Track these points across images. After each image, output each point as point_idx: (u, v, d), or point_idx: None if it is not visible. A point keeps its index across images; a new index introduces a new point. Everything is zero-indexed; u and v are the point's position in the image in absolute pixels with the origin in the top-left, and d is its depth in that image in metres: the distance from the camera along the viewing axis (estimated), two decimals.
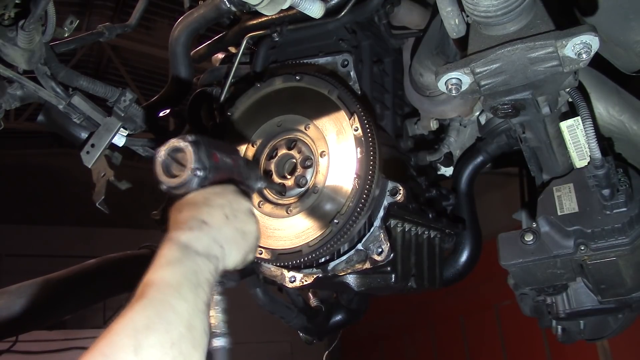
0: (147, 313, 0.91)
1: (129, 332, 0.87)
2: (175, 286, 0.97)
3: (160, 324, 0.90)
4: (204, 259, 1.05)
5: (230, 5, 1.82)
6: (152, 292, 0.95)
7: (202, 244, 1.07)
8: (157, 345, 0.87)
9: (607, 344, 6.81)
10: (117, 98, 1.87)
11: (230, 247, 1.14)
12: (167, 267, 1.00)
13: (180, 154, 1.22)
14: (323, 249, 1.55)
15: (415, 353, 10.94)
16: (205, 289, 1.01)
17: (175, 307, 0.93)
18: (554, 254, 1.61)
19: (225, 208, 1.17)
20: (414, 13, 2.00)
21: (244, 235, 1.18)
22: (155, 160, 1.22)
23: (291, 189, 1.66)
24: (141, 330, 0.88)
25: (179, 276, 0.99)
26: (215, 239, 1.10)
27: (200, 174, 1.18)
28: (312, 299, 2.23)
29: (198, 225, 1.09)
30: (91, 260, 1.96)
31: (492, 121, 2.01)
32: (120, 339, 0.86)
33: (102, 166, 1.91)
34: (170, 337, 0.89)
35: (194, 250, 1.05)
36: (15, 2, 1.66)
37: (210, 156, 1.22)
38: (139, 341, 0.86)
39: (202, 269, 1.03)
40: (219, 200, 1.17)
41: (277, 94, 1.74)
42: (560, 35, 1.16)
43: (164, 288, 0.96)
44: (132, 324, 0.89)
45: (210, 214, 1.13)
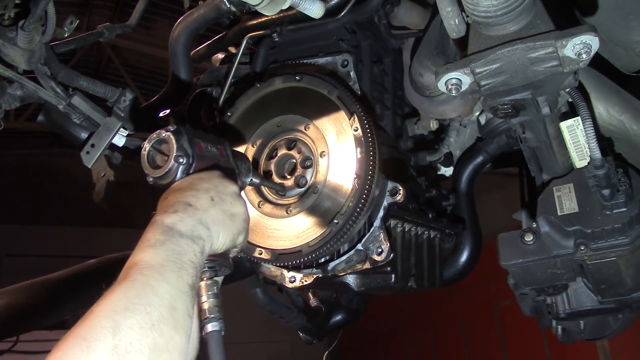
0: (127, 294, 0.90)
1: (108, 314, 0.87)
2: (157, 267, 0.96)
3: (139, 305, 0.89)
4: (188, 240, 1.04)
5: (230, 5, 1.82)
6: (133, 273, 0.94)
7: (186, 225, 1.06)
8: (136, 327, 0.86)
9: (607, 344, 6.80)
10: (117, 98, 1.87)
11: (218, 228, 1.12)
12: (150, 249, 0.99)
13: (163, 145, 1.24)
14: (323, 249, 1.55)
15: (415, 353, 10.94)
16: (189, 270, 1.00)
17: (156, 289, 0.93)
18: (554, 254, 1.61)
19: (211, 191, 1.16)
20: (413, 13, 2.00)
21: (232, 217, 1.17)
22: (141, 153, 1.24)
23: (291, 189, 1.66)
24: (120, 311, 0.87)
25: (161, 258, 0.98)
26: (201, 220, 1.09)
27: (183, 161, 1.20)
28: (312, 299, 2.24)
29: (183, 207, 1.09)
30: (91, 260, 1.96)
31: (492, 121, 2.01)
32: (98, 321, 0.86)
33: (102, 166, 1.91)
34: (150, 319, 0.89)
35: (177, 231, 1.04)
36: (15, 2, 1.66)
37: (193, 144, 1.23)
38: (117, 323, 0.85)
39: (186, 250, 1.02)
40: (204, 185, 1.17)
41: (276, 94, 1.74)
42: (560, 36, 1.16)
43: (145, 270, 0.95)
44: (111, 305, 0.88)
45: (196, 196, 1.13)
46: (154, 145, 1.25)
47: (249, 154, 1.74)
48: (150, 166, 1.24)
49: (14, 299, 1.72)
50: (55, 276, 1.85)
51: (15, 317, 1.69)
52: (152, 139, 1.25)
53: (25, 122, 9.56)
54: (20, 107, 2.21)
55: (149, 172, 1.23)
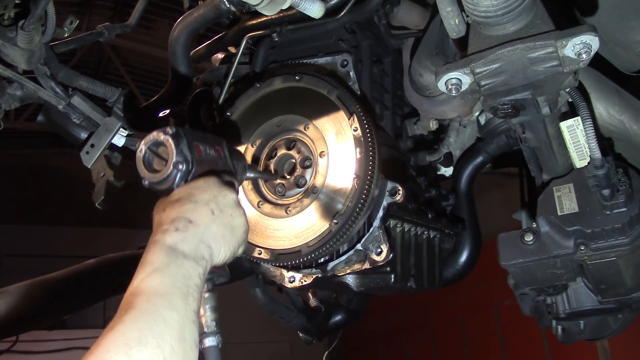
0: (139, 326, 0.88)
1: (120, 348, 0.85)
2: (165, 295, 0.94)
3: (152, 337, 0.87)
4: (192, 262, 1.02)
5: (229, 5, 1.82)
6: (142, 302, 0.92)
7: (190, 245, 1.03)
8: None
9: (607, 344, 6.81)
10: (117, 98, 1.86)
11: (219, 244, 1.10)
12: (155, 274, 0.96)
13: (161, 147, 1.17)
14: (322, 249, 1.55)
15: (415, 353, 10.94)
16: (195, 295, 0.98)
17: (166, 319, 0.91)
18: (554, 254, 1.61)
19: (210, 203, 1.12)
20: (413, 13, 2.00)
21: (232, 230, 1.15)
22: (136, 155, 1.18)
23: (290, 189, 1.66)
24: (133, 345, 0.85)
25: (167, 284, 0.96)
26: (203, 239, 1.07)
27: (182, 167, 1.14)
28: (312, 299, 2.24)
29: (184, 225, 1.05)
30: (91, 260, 1.96)
31: (492, 121, 2.01)
32: (110, 356, 0.83)
33: (101, 166, 1.91)
34: (162, 352, 0.87)
35: (181, 253, 1.01)
36: (15, 2, 1.66)
37: (192, 149, 1.17)
38: (130, 357, 0.84)
39: (191, 274, 1.00)
40: (203, 196, 1.13)
41: (276, 94, 1.74)
42: (560, 35, 1.16)
43: (153, 298, 0.93)
44: (123, 338, 0.86)
45: (196, 211, 1.09)
46: (151, 147, 1.18)
47: (249, 154, 1.73)
48: (146, 169, 1.17)
49: (13, 299, 1.72)
50: (54, 276, 1.85)
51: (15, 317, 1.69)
52: (148, 141, 1.18)
53: (25, 122, 9.57)
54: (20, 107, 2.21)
55: (145, 176, 1.16)
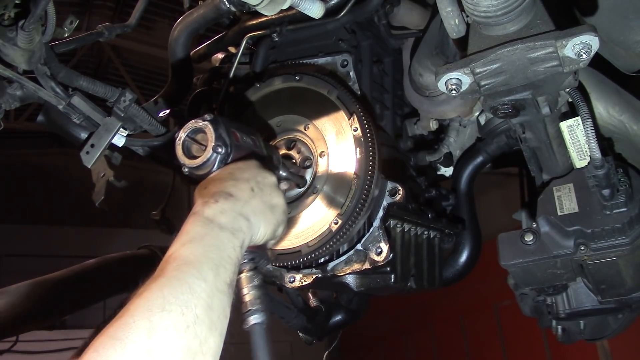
0: (163, 293, 0.88)
1: (143, 314, 0.84)
2: (195, 264, 0.93)
3: (175, 305, 0.87)
4: (229, 233, 1.02)
5: (229, 5, 1.82)
6: (171, 270, 0.92)
7: (227, 217, 1.04)
8: (171, 328, 0.85)
9: (607, 344, 6.81)
10: (117, 98, 1.86)
11: (258, 219, 1.11)
12: (189, 243, 0.97)
13: (199, 134, 1.21)
14: (322, 249, 1.55)
15: (415, 353, 10.94)
16: (227, 267, 0.98)
17: (193, 287, 0.90)
18: (554, 254, 1.61)
19: (250, 181, 1.14)
20: (413, 13, 2.00)
21: (272, 208, 1.16)
22: (175, 143, 1.21)
23: (291, 189, 1.66)
24: (156, 312, 0.85)
25: (199, 253, 0.95)
26: (242, 212, 1.07)
27: (222, 150, 1.17)
28: (312, 299, 2.23)
29: (224, 197, 1.06)
30: (91, 260, 1.96)
31: (492, 121, 2.01)
32: (134, 320, 0.84)
33: (101, 166, 1.91)
34: (185, 320, 0.87)
35: (217, 224, 1.02)
36: (15, 2, 1.66)
37: (230, 134, 1.20)
38: (152, 324, 0.83)
39: (226, 245, 1.00)
40: (244, 174, 1.15)
41: (276, 94, 1.74)
42: (560, 36, 1.16)
43: (183, 266, 0.93)
44: (147, 304, 0.86)
45: (236, 186, 1.11)
46: (190, 135, 1.21)
47: None
48: (185, 156, 1.20)
49: (13, 298, 1.72)
50: (55, 276, 1.85)
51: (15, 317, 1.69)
52: (187, 128, 1.21)
53: (25, 122, 9.57)
54: (20, 107, 2.21)
55: (185, 162, 1.19)
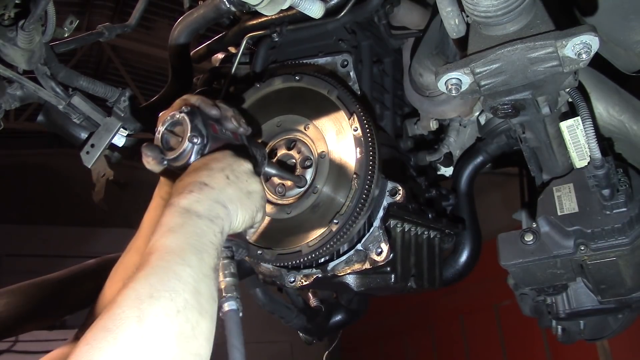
0: (150, 281, 0.88)
1: (132, 303, 0.85)
2: (178, 252, 0.94)
3: (164, 291, 0.87)
4: (207, 220, 1.02)
5: (230, 5, 1.82)
6: (154, 259, 0.92)
7: (204, 205, 1.04)
8: (161, 314, 0.85)
9: (607, 344, 6.81)
10: (117, 98, 1.87)
11: (235, 206, 1.11)
12: (169, 233, 0.97)
13: (177, 127, 1.22)
14: (322, 249, 1.55)
15: (415, 353, 10.94)
16: (210, 252, 0.98)
17: (178, 274, 0.91)
18: (554, 254, 1.61)
19: (225, 170, 1.14)
20: (413, 13, 2.00)
21: (248, 194, 1.16)
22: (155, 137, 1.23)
23: (290, 189, 1.66)
24: (144, 299, 0.85)
25: (181, 241, 0.96)
26: (218, 199, 1.08)
27: (197, 141, 1.18)
28: (312, 299, 2.24)
29: (198, 187, 1.07)
30: (91, 260, 1.96)
31: (492, 121, 2.01)
32: (122, 310, 0.84)
33: (101, 166, 1.91)
34: (175, 305, 0.87)
35: (195, 213, 1.02)
36: (15, 2, 1.66)
37: (207, 125, 1.21)
38: (142, 311, 0.84)
39: (206, 231, 1.01)
40: (218, 164, 1.15)
41: (276, 94, 1.74)
42: (560, 36, 1.16)
43: (166, 255, 0.93)
44: (134, 293, 0.86)
45: (211, 176, 1.11)
46: (168, 128, 1.23)
47: None
48: (164, 148, 1.22)
49: (13, 299, 1.72)
50: (54, 276, 1.85)
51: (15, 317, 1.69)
52: (165, 121, 1.23)
53: (25, 122, 9.58)
54: (20, 107, 2.21)
55: (163, 155, 1.21)
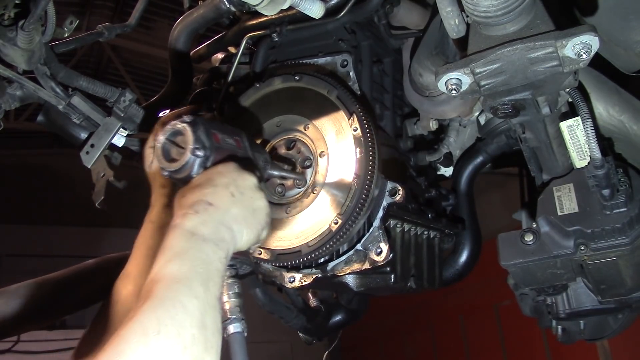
0: (157, 315, 0.86)
1: (140, 339, 0.82)
2: (184, 281, 0.91)
3: (171, 326, 0.85)
4: (213, 245, 1.00)
5: (229, 5, 1.82)
6: (161, 290, 0.89)
7: (209, 228, 1.01)
8: (169, 351, 0.83)
9: (607, 344, 6.80)
10: (117, 98, 1.86)
11: (241, 227, 1.08)
12: (175, 259, 0.94)
13: (179, 137, 1.18)
14: (322, 249, 1.55)
15: (415, 353, 10.93)
16: (215, 280, 0.96)
17: (186, 306, 0.88)
18: (554, 254, 1.61)
19: (230, 186, 1.11)
20: (413, 13, 2.00)
21: (253, 212, 1.13)
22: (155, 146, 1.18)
23: (290, 189, 1.66)
24: (151, 335, 0.83)
25: (187, 270, 0.93)
26: (223, 221, 1.05)
27: (200, 153, 1.14)
28: (312, 299, 2.23)
29: (203, 208, 1.04)
30: (90, 260, 1.96)
31: (492, 121, 2.01)
32: (129, 346, 0.81)
33: (101, 166, 1.91)
34: (183, 341, 0.85)
35: (201, 237, 0.99)
36: (15, 2, 1.66)
37: (209, 136, 1.17)
38: (149, 348, 0.82)
39: (212, 258, 0.98)
40: (222, 180, 1.12)
41: (276, 94, 1.74)
42: (560, 36, 1.16)
43: (173, 285, 0.90)
44: (141, 328, 0.84)
45: (216, 194, 1.08)
46: (169, 138, 1.19)
47: None
48: (165, 159, 1.18)
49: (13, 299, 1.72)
50: (53, 276, 1.84)
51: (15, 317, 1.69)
52: (166, 131, 1.18)
53: (25, 122, 9.57)
54: (20, 107, 2.21)
55: (164, 166, 1.17)
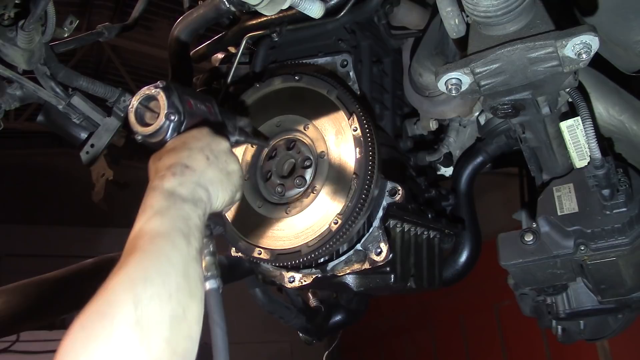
0: (143, 265, 0.89)
1: (127, 287, 0.86)
2: (167, 236, 0.96)
3: (157, 275, 0.89)
4: (191, 204, 1.04)
5: (229, 5, 1.82)
6: (145, 243, 0.93)
7: (187, 189, 1.06)
8: (155, 298, 0.86)
9: (607, 344, 6.80)
10: (117, 98, 1.87)
11: (216, 188, 1.13)
12: (156, 216, 0.98)
13: (153, 102, 1.21)
14: (322, 249, 1.55)
15: (415, 353, 10.93)
16: (196, 235, 1.01)
17: (170, 258, 0.92)
18: (554, 254, 1.61)
19: (205, 150, 1.15)
20: (413, 13, 2.00)
21: (228, 175, 1.18)
22: (128, 110, 1.21)
23: (290, 189, 1.66)
24: (138, 283, 0.86)
25: (168, 225, 0.98)
26: (200, 182, 1.09)
27: (174, 118, 1.18)
28: (312, 299, 2.23)
29: (180, 170, 1.08)
30: (89, 259, 1.96)
31: (492, 121, 2.01)
32: (117, 295, 0.85)
33: (101, 166, 1.91)
34: (168, 289, 0.89)
35: (179, 196, 1.04)
36: (15, 2, 1.66)
37: (183, 101, 1.21)
38: (137, 295, 0.85)
39: (191, 215, 1.03)
40: (197, 144, 1.16)
41: (276, 94, 1.74)
42: (560, 36, 1.16)
43: (156, 239, 0.94)
44: (128, 278, 0.87)
45: (191, 157, 1.12)
46: (143, 102, 1.22)
47: (248, 154, 1.73)
48: (138, 124, 1.20)
49: (12, 298, 1.72)
50: (52, 275, 1.85)
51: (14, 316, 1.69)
52: (140, 96, 1.21)
53: (25, 122, 9.56)
54: (20, 107, 2.21)
55: (138, 130, 1.20)
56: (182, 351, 0.88)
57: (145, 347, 0.82)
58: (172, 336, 0.86)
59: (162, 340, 0.85)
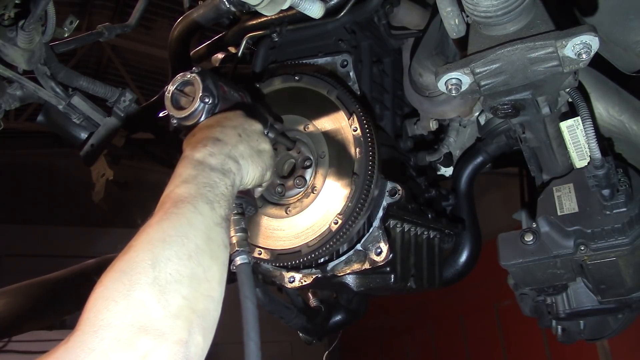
0: (163, 227, 0.93)
1: (145, 247, 0.89)
2: (190, 200, 0.99)
3: (176, 237, 0.92)
4: (219, 173, 1.07)
5: (229, 5, 1.82)
6: (168, 207, 0.97)
7: (217, 159, 1.09)
8: (174, 258, 0.89)
9: (607, 344, 6.80)
10: (117, 98, 1.87)
11: (247, 162, 1.16)
12: (183, 184, 1.02)
13: (188, 87, 1.25)
14: (322, 249, 1.55)
15: (415, 353, 10.93)
16: (221, 203, 1.03)
17: (191, 221, 0.95)
18: (554, 254, 1.61)
19: (237, 128, 1.19)
20: (413, 13, 2.00)
21: (259, 153, 1.21)
22: (165, 96, 1.25)
23: (290, 189, 1.66)
24: (157, 244, 0.90)
25: (194, 191, 1.01)
26: (230, 154, 1.12)
27: (209, 101, 1.22)
28: (312, 299, 2.23)
29: (212, 142, 1.11)
30: (90, 260, 1.96)
31: (492, 121, 2.01)
32: (137, 254, 0.88)
33: (101, 166, 1.92)
34: (187, 250, 0.92)
35: (208, 165, 1.07)
36: (15, 2, 1.66)
37: (217, 86, 1.25)
38: (155, 255, 0.88)
39: (218, 183, 1.05)
40: (231, 122, 1.20)
41: (276, 94, 1.74)
42: (560, 36, 1.16)
43: (179, 203, 0.98)
44: (148, 238, 0.91)
45: (224, 132, 1.15)
46: (179, 87, 1.26)
47: None
48: (174, 107, 1.24)
49: (13, 299, 1.72)
50: (53, 276, 1.85)
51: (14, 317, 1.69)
52: (176, 81, 1.25)
53: (25, 122, 9.57)
54: (20, 107, 2.21)
55: (174, 114, 1.23)
56: (203, 309, 0.91)
57: (163, 304, 0.85)
58: (190, 294, 0.89)
59: (180, 297, 0.87)
